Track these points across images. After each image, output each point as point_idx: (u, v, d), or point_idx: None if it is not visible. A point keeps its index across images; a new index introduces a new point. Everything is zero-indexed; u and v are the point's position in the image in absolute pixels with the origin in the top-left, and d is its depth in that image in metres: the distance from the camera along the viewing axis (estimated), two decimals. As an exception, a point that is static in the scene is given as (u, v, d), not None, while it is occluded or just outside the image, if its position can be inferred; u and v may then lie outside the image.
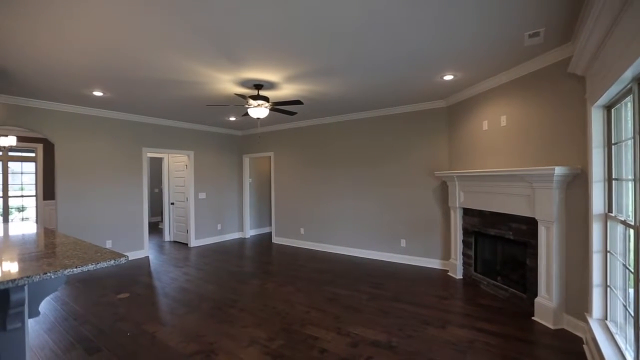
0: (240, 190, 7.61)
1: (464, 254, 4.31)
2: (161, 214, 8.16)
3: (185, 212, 6.77)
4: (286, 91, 4.17)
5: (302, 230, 6.51)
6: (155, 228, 8.90)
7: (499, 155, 3.73)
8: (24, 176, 7.77)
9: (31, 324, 3.07)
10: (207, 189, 6.90)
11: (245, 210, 7.57)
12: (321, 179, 6.21)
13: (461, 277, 4.32)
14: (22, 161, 7.70)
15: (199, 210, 6.73)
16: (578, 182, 2.79)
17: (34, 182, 7.72)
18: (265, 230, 8.20)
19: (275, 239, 6.97)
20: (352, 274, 4.58)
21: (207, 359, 2.44)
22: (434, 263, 4.87)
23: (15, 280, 1.20)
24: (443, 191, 4.74)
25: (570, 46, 2.77)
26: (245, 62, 3.17)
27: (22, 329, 1.38)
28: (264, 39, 2.66)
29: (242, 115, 4.61)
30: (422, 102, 4.84)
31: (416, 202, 5.04)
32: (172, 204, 7.18)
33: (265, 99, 3.84)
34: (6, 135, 6.09)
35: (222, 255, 5.80)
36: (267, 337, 2.78)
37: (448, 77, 3.68)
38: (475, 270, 4.12)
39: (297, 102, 3.82)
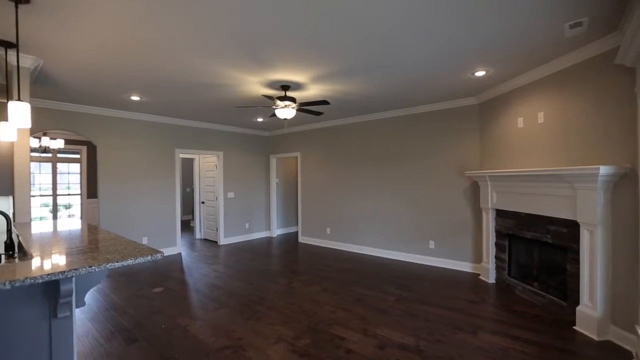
0: (268, 190, 7.75)
1: (496, 257, 4.13)
2: (192, 212, 8.48)
3: (215, 211, 7.00)
4: (313, 91, 4.19)
5: (328, 230, 6.52)
6: (186, 226, 9.27)
7: (535, 154, 3.53)
8: (70, 176, 8.36)
9: (77, 313, 3.30)
10: (236, 188, 7.09)
11: (272, 210, 7.70)
12: (347, 179, 6.19)
13: (494, 282, 4.14)
14: (68, 162, 8.29)
15: (228, 209, 6.92)
16: (626, 183, 2.58)
17: (78, 181, 8.29)
18: (292, 229, 8.29)
19: (302, 239, 7.03)
20: (378, 275, 4.53)
21: (235, 354, 2.51)
22: (465, 266, 4.70)
23: (64, 272, 1.29)
24: (474, 192, 4.57)
25: (616, 36, 2.58)
26: (272, 64, 3.22)
27: (71, 317, 1.49)
28: (293, 41, 2.69)
29: (270, 116, 4.69)
30: (452, 99, 4.69)
31: (445, 202, 4.89)
32: (203, 203, 7.44)
33: (292, 99, 3.88)
34: (55, 139, 6.58)
35: (249, 254, 5.93)
36: (293, 335, 2.81)
37: (480, 73, 3.54)
38: (509, 275, 3.93)
39: (323, 102, 3.84)
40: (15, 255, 2.09)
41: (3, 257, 2.10)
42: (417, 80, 3.79)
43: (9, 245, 2.07)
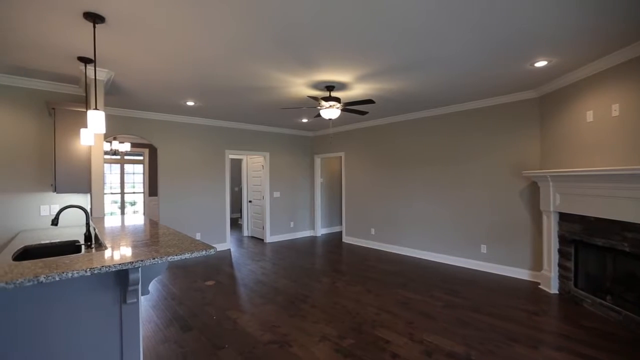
0: (312, 190, 7.86)
1: (560, 265, 3.76)
2: (240, 210, 8.89)
3: (262, 210, 7.26)
4: (357, 91, 4.17)
5: (372, 231, 6.43)
6: (235, 223, 9.74)
7: (607, 151, 3.15)
8: (135, 176, 9.22)
9: (142, 300, 3.63)
10: (282, 188, 7.29)
11: (317, 209, 7.79)
12: (393, 179, 6.06)
13: (556, 292, 3.78)
14: (133, 164, 9.15)
15: (273, 208, 7.15)
16: None
17: (141, 181, 9.12)
18: (336, 229, 8.32)
19: (346, 238, 7.02)
20: (425, 279, 4.37)
21: (281, 349, 2.58)
22: (522, 273, 4.35)
23: (133, 263, 1.43)
24: (532, 193, 4.21)
25: None
26: (317, 65, 3.26)
27: (137, 303, 1.65)
28: (338, 41, 2.70)
29: (315, 117, 4.76)
30: (507, 93, 4.37)
31: (499, 204, 4.56)
32: (250, 201, 7.77)
33: (337, 99, 3.89)
34: (123, 143, 7.31)
35: (294, 252, 6.06)
36: (337, 334, 2.81)
37: (540, 64, 3.24)
38: (576, 286, 3.56)
39: (369, 102, 3.79)
40: (92, 245, 2.36)
41: (83, 247, 2.37)
42: (469, 75, 3.59)
43: (88, 236, 2.34)
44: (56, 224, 2.23)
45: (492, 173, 4.66)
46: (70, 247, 2.69)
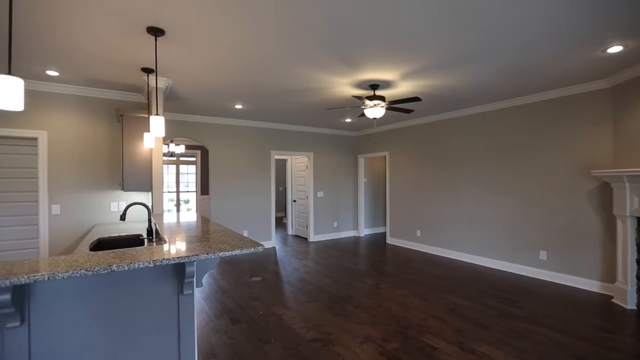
0: (356, 190, 7.82)
1: (638, 277, 3.32)
2: (285, 210, 9.13)
3: (305, 209, 7.38)
4: (403, 89, 4.06)
5: (418, 233, 6.23)
6: (279, 222, 10.01)
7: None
8: (188, 176, 9.89)
9: (196, 292, 3.89)
10: (325, 188, 7.35)
11: (360, 210, 7.73)
12: (440, 179, 5.80)
13: (634, 308, 3.34)
14: (187, 164, 9.82)
15: (317, 207, 7.23)
16: None
17: (194, 180, 9.76)
18: (380, 230, 8.19)
19: (390, 240, 6.88)
20: (476, 285, 4.12)
21: (325, 348, 2.60)
22: (590, 284, 3.91)
23: (189, 256, 1.54)
24: (603, 195, 3.77)
25: None
26: (361, 64, 3.24)
27: (192, 295, 1.77)
28: (383, 39, 2.65)
29: (358, 116, 4.72)
30: (571, 85, 3.96)
31: (562, 207, 4.15)
32: (294, 201, 7.93)
33: (382, 98, 3.83)
34: (178, 145, 7.89)
35: (337, 252, 6.07)
36: (381, 337, 2.77)
37: (614, 50, 2.89)
38: (658, 301, 3.12)
39: (414, 100, 3.68)
40: (153, 239, 2.57)
41: (146, 240, 2.60)
42: (528, 66, 3.32)
43: (149, 231, 2.56)
44: (124, 219, 2.47)
45: (554, 173, 4.26)
46: (135, 240, 2.97)
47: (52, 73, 3.40)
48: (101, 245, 2.80)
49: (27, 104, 3.66)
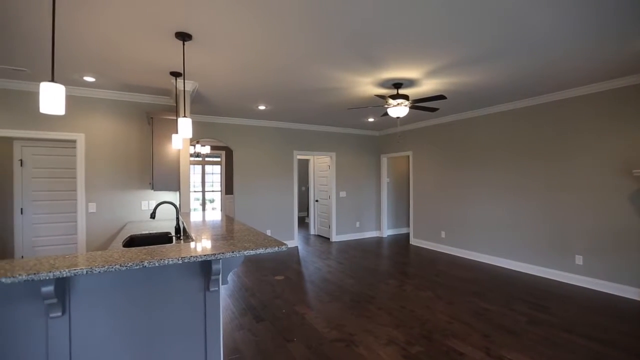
0: (378, 190, 7.74)
1: (687, 285, 3.07)
2: (307, 209, 9.18)
3: (328, 209, 7.39)
4: (427, 87, 3.97)
5: (442, 234, 6.07)
6: (302, 222, 10.08)
7: None
8: (213, 176, 10.17)
9: (221, 289, 4.00)
10: (347, 188, 7.33)
11: (383, 210, 7.64)
12: (465, 179, 5.63)
13: (682, 318, 3.10)
14: (212, 165, 10.10)
15: (339, 207, 7.22)
16: None
17: (219, 180, 10.01)
18: (403, 230, 8.06)
19: (413, 241, 6.76)
20: (504, 289, 3.96)
21: (347, 348, 2.59)
22: (632, 292, 3.66)
23: (215, 254, 1.59)
24: (648, 197, 3.51)
25: None
26: (384, 62, 3.20)
27: (218, 292, 1.82)
28: (406, 36, 2.61)
29: (381, 116, 4.67)
30: (610, 79, 3.72)
31: (600, 209, 3.91)
32: (317, 201, 7.96)
33: (405, 97, 3.77)
34: (204, 146, 8.13)
35: (360, 252, 6.04)
36: (405, 340, 2.72)
37: (659, 41, 2.69)
38: None
39: (439, 98, 3.59)
40: (181, 237, 2.67)
41: (174, 238, 2.70)
42: (562, 59, 3.15)
43: (177, 229, 2.66)
44: (154, 217, 2.58)
45: (590, 173, 4.02)
46: (164, 238, 3.09)
47: (89, 79, 3.60)
48: (133, 242, 2.93)
49: (67, 108, 3.90)
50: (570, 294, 3.81)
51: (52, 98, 1.46)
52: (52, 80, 1.49)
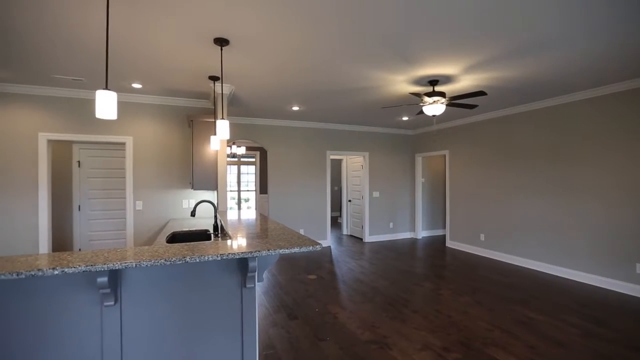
0: (413, 190, 7.55)
1: None
2: (340, 209, 9.17)
3: (361, 209, 7.33)
4: (465, 83, 3.80)
5: (481, 237, 5.79)
6: (334, 222, 10.08)
7: None
8: (248, 176, 10.48)
9: (257, 286, 4.11)
10: (381, 188, 7.22)
11: (418, 211, 7.44)
12: (506, 179, 5.32)
13: None
14: (247, 165, 10.42)
15: (373, 208, 7.13)
16: None
17: (254, 180, 10.30)
18: (438, 232, 7.79)
19: (449, 243, 6.50)
20: (551, 297, 3.69)
21: (381, 351, 2.55)
22: None
23: (252, 252, 1.64)
24: None
25: None
26: (420, 59, 3.11)
27: (254, 288, 1.87)
28: (444, 30, 2.52)
29: (416, 114, 4.55)
30: (682, 68, 3.33)
31: (667, 213, 3.51)
32: (350, 201, 7.92)
33: (442, 94, 3.64)
34: (240, 146, 8.40)
35: (393, 253, 5.92)
36: (441, 346, 2.63)
37: None
38: None
39: (479, 94, 3.43)
40: (219, 235, 2.77)
41: (212, 235, 2.81)
42: (609, 51, 2.87)
43: (215, 227, 2.77)
44: (194, 215, 2.71)
45: (654, 172, 3.63)
46: (203, 235, 3.24)
47: (136, 85, 3.87)
48: (175, 238, 3.10)
49: (118, 113, 4.21)
50: (631, 305, 3.46)
51: (106, 104, 1.59)
52: (106, 87, 1.61)
